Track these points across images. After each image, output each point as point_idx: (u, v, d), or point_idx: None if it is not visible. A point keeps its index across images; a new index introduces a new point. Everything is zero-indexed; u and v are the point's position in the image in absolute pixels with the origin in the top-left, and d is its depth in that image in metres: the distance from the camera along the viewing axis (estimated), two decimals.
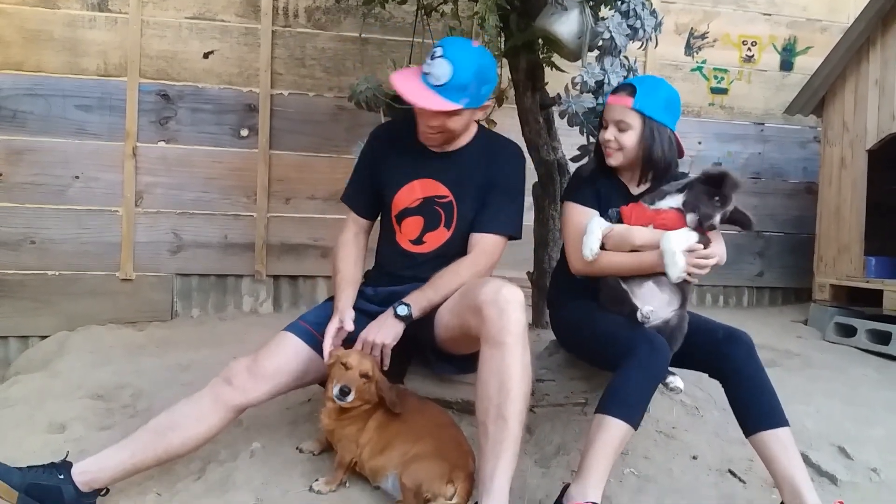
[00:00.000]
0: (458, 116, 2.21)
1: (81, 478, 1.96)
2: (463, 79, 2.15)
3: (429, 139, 2.30)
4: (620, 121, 2.25)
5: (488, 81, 2.24)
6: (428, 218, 2.34)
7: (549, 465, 2.31)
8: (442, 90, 2.15)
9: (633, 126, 2.25)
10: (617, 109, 2.26)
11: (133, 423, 2.48)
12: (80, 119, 3.91)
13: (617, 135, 2.26)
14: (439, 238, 2.34)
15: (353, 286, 2.32)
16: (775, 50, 4.88)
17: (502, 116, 3.67)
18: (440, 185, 2.33)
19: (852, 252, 4.16)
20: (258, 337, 3.04)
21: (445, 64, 2.14)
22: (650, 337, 2.05)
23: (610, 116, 2.29)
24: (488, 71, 2.25)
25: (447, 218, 2.33)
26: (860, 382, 3.23)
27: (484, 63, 2.23)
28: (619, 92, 2.29)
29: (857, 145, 4.16)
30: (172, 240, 4.04)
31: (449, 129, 2.24)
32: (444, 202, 2.33)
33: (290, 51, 4.16)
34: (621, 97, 2.26)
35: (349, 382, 2.04)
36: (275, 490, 2.15)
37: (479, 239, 2.30)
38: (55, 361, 3.31)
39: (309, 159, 4.15)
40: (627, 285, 2.20)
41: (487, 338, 1.93)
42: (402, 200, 2.36)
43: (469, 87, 2.16)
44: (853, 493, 2.25)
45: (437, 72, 2.15)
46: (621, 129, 2.26)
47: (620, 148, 2.27)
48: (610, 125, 2.28)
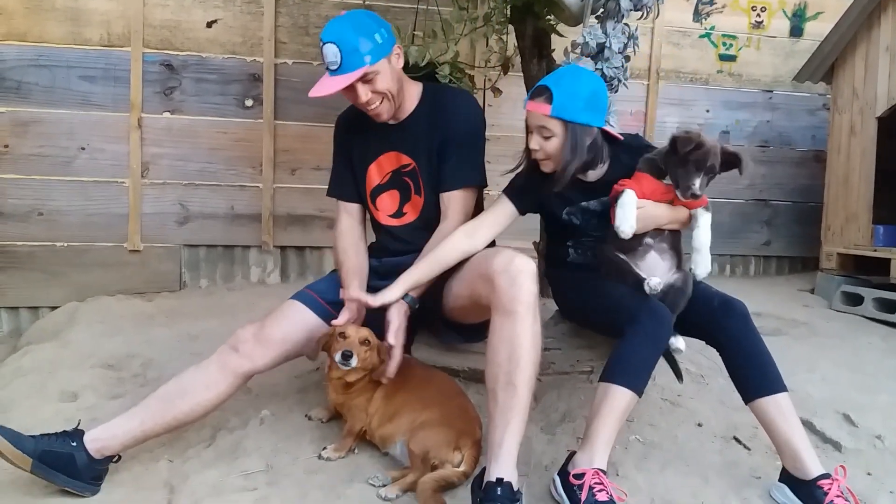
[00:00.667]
0: (379, 75, 2.19)
1: (93, 445, 2.00)
2: (349, 43, 2.14)
3: (378, 114, 2.28)
4: (542, 127, 2.13)
5: (376, 29, 2.19)
6: (401, 189, 2.38)
7: (554, 432, 2.34)
8: (343, 68, 2.15)
9: (555, 133, 2.12)
10: (536, 117, 2.14)
11: (143, 391, 2.51)
12: (85, 90, 3.90)
13: (542, 143, 2.15)
14: (416, 205, 2.38)
15: (359, 276, 2.32)
16: (785, 16, 4.81)
17: (508, 85, 3.65)
18: (402, 156, 2.36)
19: (860, 220, 4.14)
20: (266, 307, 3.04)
21: (330, 46, 2.15)
22: (653, 305, 2.05)
23: (531, 123, 2.18)
24: (366, 20, 2.21)
25: (415, 185, 2.37)
26: (866, 351, 3.24)
27: (355, 18, 2.20)
28: (535, 97, 2.14)
29: (867, 112, 4.12)
30: (179, 211, 4.05)
31: (382, 91, 2.22)
32: (409, 170, 2.36)
33: (294, 19, 4.12)
34: (538, 104, 2.13)
35: (350, 348, 2.07)
36: (284, 457, 2.19)
37: (448, 198, 2.32)
38: (66, 332, 3.34)
39: (314, 129, 4.13)
40: (631, 258, 2.18)
41: (499, 306, 1.94)
42: (372, 179, 2.41)
43: (359, 45, 2.14)
44: (857, 459, 2.26)
45: (330, 58, 2.16)
46: (544, 136, 2.14)
47: (548, 157, 2.17)
48: (534, 132, 2.17)
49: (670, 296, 2.12)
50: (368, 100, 2.22)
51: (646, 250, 2.19)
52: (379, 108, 2.26)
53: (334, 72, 2.17)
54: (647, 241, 2.19)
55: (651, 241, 2.19)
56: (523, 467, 2.06)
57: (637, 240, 2.18)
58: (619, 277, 2.17)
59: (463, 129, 2.34)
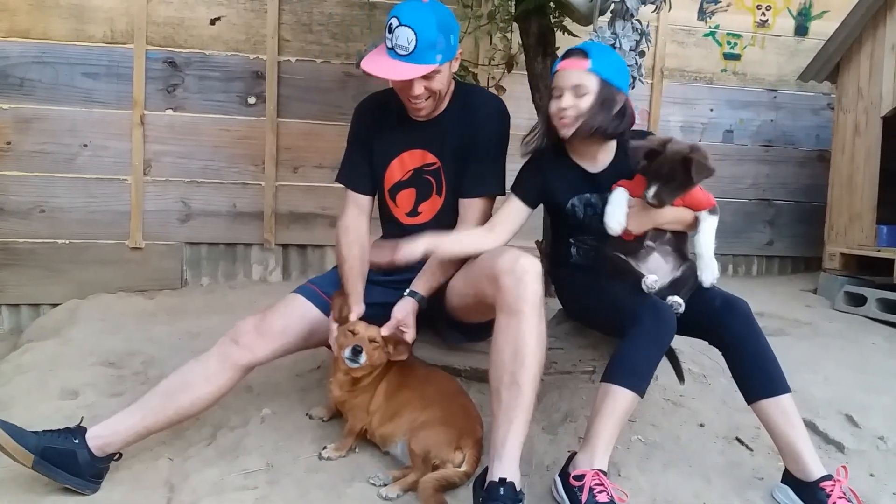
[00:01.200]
0: (439, 74, 2.17)
1: (95, 442, 1.99)
2: (429, 37, 2.10)
3: (419, 110, 2.25)
4: (578, 85, 2.11)
5: (453, 30, 2.19)
6: (420, 188, 2.35)
7: (556, 431, 2.33)
8: (413, 57, 2.11)
9: (590, 90, 2.12)
10: (573, 74, 2.12)
11: (144, 389, 2.49)
12: (88, 87, 3.90)
13: (575, 101, 2.12)
14: (433, 206, 2.36)
15: (360, 276, 2.28)
16: (790, 14, 4.79)
17: (512, 83, 3.64)
18: (427, 154, 2.33)
19: (864, 221, 4.12)
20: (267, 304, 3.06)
21: (407, 31, 2.09)
22: (655, 305, 2.04)
23: (564, 83, 2.14)
24: (448, 19, 2.19)
25: (437, 185, 2.34)
26: (869, 351, 3.23)
27: (441, 13, 2.16)
28: (569, 57, 2.15)
29: (872, 112, 4.10)
30: (181, 208, 4.05)
31: (435, 91, 2.20)
32: (432, 169, 2.33)
33: (297, 17, 4.11)
34: (575, 61, 2.13)
35: (360, 343, 2.06)
36: (285, 455, 2.18)
37: (468, 204, 2.30)
38: (67, 329, 3.34)
39: (317, 127, 4.12)
40: (632, 258, 2.17)
41: (503, 306, 1.94)
42: (393, 175, 2.37)
43: (437, 42, 2.12)
44: (860, 460, 2.25)
45: (402, 42, 2.10)
46: (579, 94, 2.12)
47: (578, 115, 2.14)
48: (565, 92, 2.14)
49: (677, 287, 2.11)
50: (420, 94, 2.18)
51: (648, 252, 2.17)
52: (423, 104, 2.23)
53: (401, 56, 2.11)
54: (649, 244, 2.17)
55: (652, 243, 2.17)
56: (525, 467, 2.05)
57: (638, 241, 2.17)
58: (620, 277, 2.16)
59: (492, 135, 2.32)
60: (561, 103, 2.14)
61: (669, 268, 2.17)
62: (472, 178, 2.30)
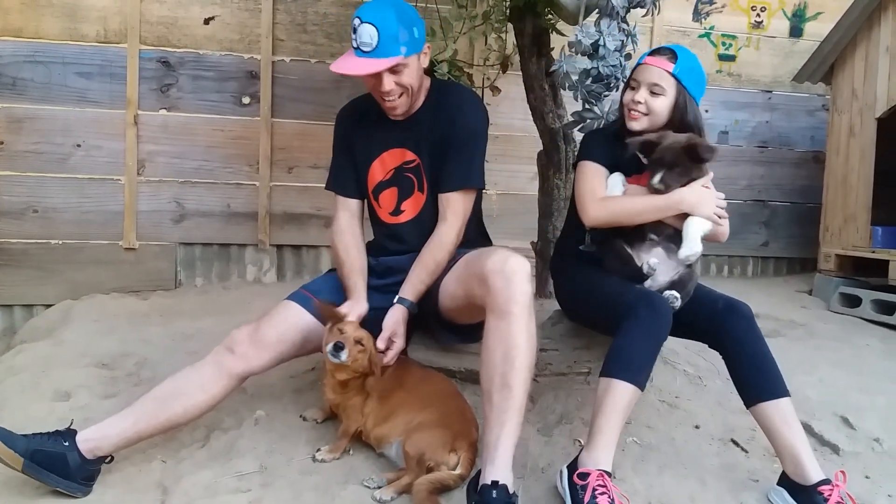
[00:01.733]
0: (407, 68, 2.17)
1: (86, 445, 1.98)
2: (390, 30, 2.11)
3: (393, 108, 2.25)
4: (656, 84, 2.19)
5: (415, 23, 2.19)
6: (402, 186, 2.35)
7: (551, 433, 2.32)
8: (377, 52, 2.12)
9: (667, 92, 2.19)
10: (654, 72, 2.20)
11: (137, 391, 2.50)
12: (81, 86, 3.88)
13: (648, 98, 2.20)
14: (416, 204, 2.36)
15: (361, 274, 2.29)
16: (785, 16, 4.79)
17: (507, 83, 3.64)
18: (406, 151, 2.34)
19: (859, 222, 4.13)
20: (262, 306, 3.03)
21: (368, 27, 2.11)
22: (650, 297, 2.04)
23: (644, 78, 2.21)
24: (410, 13, 2.20)
25: (419, 182, 2.34)
26: (864, 352, 3.23)
27: (401, 8, 2.18)
28: (657, 54, 2.23)
29: (867, 113, 4.10)
30: (175, 209, 4.03)
31: (405, 85, 2.20)
32: (412, 167, 2.34)
33: (292, 16, 4.10)
34: (661, 60, 2.21)
35: (344, 341, 2.05)
36: (279, 457, 2.17)
37: (447, 199, 2.29)
38: (60, 330, 3.32)
39: (311, 127, 4.11)
40: (635, 251, 2.19)
41: (493, 307, 1.93)
42: (375, 175, 2.38)
43: (399, 35, 2.12)
44: (855, 462, 2.25)
45: (365, 38, 2.12)
46: (654, 92, 2.20)
47: (648, 112, 2.21)
48: (642, 87, 2.21)
49: (676, 288, 2.11)
50: (391, 91, 2.19)
51: (652, 245, 2.19)
52: (397, 102, 2.23)
53: (366, 53, 2.13)
54: (652, 237, 2.19)
55: (655, 236, 2.19)
56: (520, 469, 2.04)
57: (641, 233, 2.19)
58: (619, 268, 2.17)
59: (466, 129, 2.31)
60: (635, 96, 2.21)
61: (672, 265, 2.18)
62: (450, 172, 2.29)
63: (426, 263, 2.23)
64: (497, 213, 4.17)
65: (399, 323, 2.16)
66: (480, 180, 2.35)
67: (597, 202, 2.22)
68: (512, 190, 4.29)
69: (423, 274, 2.22)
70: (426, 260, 2.23)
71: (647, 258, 2.17)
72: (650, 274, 2.13)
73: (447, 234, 2.25)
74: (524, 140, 3.97)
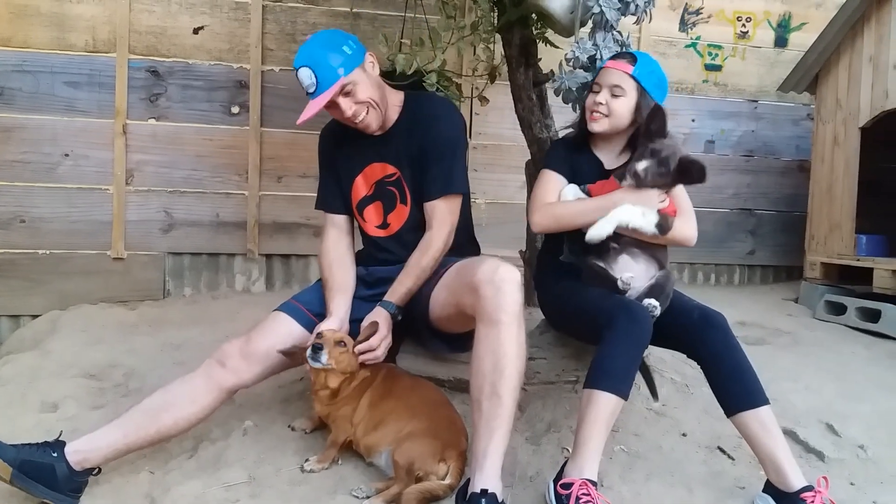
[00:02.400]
0: (357, 85, 2.21)
1: (74, 457, 1.98)
2: (321, 61, 2.17)
3: (366, 126, 2.28)
4: (616, 86, 2.25)
5: (344, 42, 2.23)
6: (385, 200, 2.38)
7: (539, 442, 2.33)
8: (320, 87, 2.17)
9: (627, 93, 2.25)
10: (614, 74, 2.26)
11: (125, 401, 2.49)
12: (69, 96, 3.87)
13: (609, 99, 2.25)
14: (401, 216, 2.38)
15: (343, 293, 2.29)
16: (770, 26, 4.84)
17: (495, 93, 3.66)
18: (387, 165, 2.37)
19: (843, 230, 4.17)
20: (251, 315, 3.05)
21: (303, 70, 2.18)
22: (629, 306, 2.06)
23: (605, 81, 2.27)
24: (333, 36, 2.25)
25: (401, 194, 2.37)
26: (849, 360, 3.26)
27: (320, 37, 2.25)
28: (618, 58, 2.30)
29: (851, 123, 4.15)
30: (164, 218, 4.02)
31: (364, 101, 2.23)
32: (393, 180, 2.36)
33: (281, 26, 4.11)
34: (621, 63, 2.27)
35: (323, 343, 2.06)
36: (267, 468, 2.17)
37: (432, 207, 2.32)
38: (47, 340, 3.31)
39: (301, 137, 4.10)
40: (605, 262, 2.22)
41: (483, 316, 1.94)
42: (359, 191, 2.41)
43: (330, 60, 2.17)
44: (840, 469, 2.27)
45: (306, 82, 2.19)
46: (615, 94, 2.25)
47: (608, 114, 2.26)
48: (603, 89, 2.27)
49: (653, 293, 2.14)
50: (354, 112, 2.22)
51: (617, 252, 2.22)
52: (367, 119, 2.26)
53: (314, 94, 2.19)
54: (613, 245, 2.21)
55: (616, 245, 2.21)
56: (508, 478, 2.05)
57: (605, 243, 2.21)
58: (599, 284, 2.20)
59: (443, 137, 2.34)
60: (597, 98, 2.27)
61: (641, 269, 2.21)
62: (431, 180, 2.32)
63: (411, 269, 2.24)
64: (486, 222, 4.17)
65: (379, 316, 2.16)
66: (463, 186, 2.38)
67: (541, 208, 2.30)
68: (501, 199, 4.30)
69: (408, 279, 2.23)
70: (411, 266, 2.25)
71: (619, 271, 2.19)
72: (626, 289, 2.15)
73: (433, 241, 2.27)
74: (512, 149, 3.99)
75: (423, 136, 2.32)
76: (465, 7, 3.94)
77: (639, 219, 2.16)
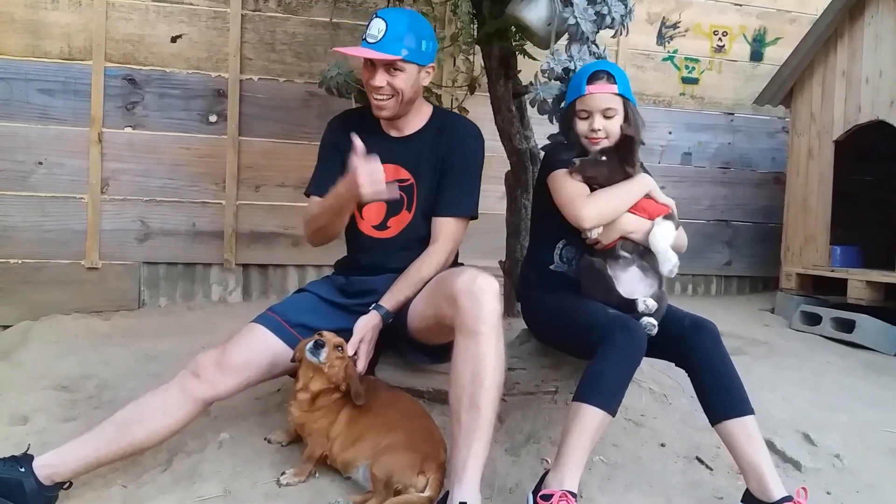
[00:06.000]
0: (403, 73, 2.23)
1: (43, 471, 1.93)
2: (397, 29, 2.19)
3: (380, 107, 2.28)
4: (608, 108, 2.26)
5: (426, 37, 2.26)
6: (391, 202, 2.34)
7: (519, 453, 2.32)
8: (380, 45, 2.19)
9: (618, 111, 2.27)
10: (603, 98, 2.27)
11: (98, 414, 2.44)
12: (44, 103, 3.81)
13: (604, 123, 2.27)
14: (402, 222, 2.36)
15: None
16: (745, 40, 4.92)
17: (475, 104, 3.66)
18: (400, 169, 2.35)
19: (818, 241, 4.22)
20: (227, 326, 3.00)
21: (378, 21, 2.22)
22: (627, 323, 2.05)
23: (594, 106, 2.27)
24: (422, 24, 2.28)
25: (409, 201, 2.35)
26: (825, 370, 3.29)
27: (417, 19, 2.29)
28: (596, 81, 2.28)
29: (825, 136, 4.22)
30: (139, 227, 3.97)
31: (396, 89, 2.24)
32: (405, 185, 2.35)
33: (260, 35, 4.09)
34: (604, 85, 2.27)
35: (324, 340, 2.06)
36: (243, 481, 2.13)
37: (442, 223, 2.32)
38: (18, 351, 3.24)
39: (279, 146, 4.10)
40: (612, 270, 2.21)
41: (462, 327, 1.93)
42: None
43: (404, 37, 2.20)
44: (817, 478, 2.29)
45: (373, 31, 2.21)
46: (608, 116, 2.27)
47: (607, 136, 2.28)
48: (595, 115, 2.27)
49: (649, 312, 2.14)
50: (382, 87, 2.23)
51: (627, 264, 2.22)
52: (385, 102, 2.27)
53: (370, 44, 2.20)
54: (624, 254, 2.22)
55: (627, 254, 2.22)
56: (487, 490, 2.04)
57: (612, 251, 2.23)
58: (603, 294, 2.18)
59: (468, 158, 2.36)
60: (593, 124, 2.27)
61: (648, 283, 2.21)
62: (448, 198, 2.32)
63: (410, 276, 2.23)
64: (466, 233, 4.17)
65: (370, 328, 2.16)
66: (476, 210, 2.39)
67: (586, 202, 2.20)
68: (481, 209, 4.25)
69: (405, 286, 2.22)
70: (411, 273, 2.24)
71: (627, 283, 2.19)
72: (646, 313, 2.12)
73: (436, 254, 2.28)
74: (493, 160, 3.94)
75: (449, 151, 2.33)
76: (445, 19, 3.96)
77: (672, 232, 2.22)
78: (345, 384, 2.11)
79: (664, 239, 2.19)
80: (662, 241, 2.19)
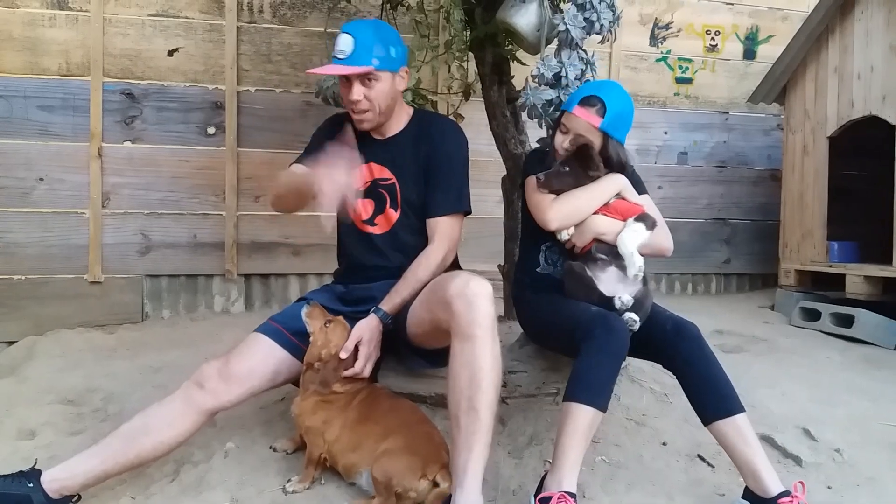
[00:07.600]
0: (379, 82, 2.26)
1: (51, 485, 1.95)
2: (365, 40, 2.22)
3: (360, 120, 2.32)
4: (582, 135, 2.27)
5: (393, 43, 2.29)
6: (377, 200, 2.39)
7: (521, 455, 2.34)
8: (350, 59, 2.22)
9: (595, 143, 2.28)
10: (582, 125, 2.27)
11: (104, 427, 2.46)
12: (43, 120, 3.85)
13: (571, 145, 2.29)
14: (389, 220, 2.39)
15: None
16: (738, 39, 4.95)
17: (470, 110, 3.70)
18: (383, 169, 2.39)
19: (815, 237, 4.25)
20: (230, 337, 3.03)
21: (345, 36, 2.24)
22: (607, 318, 2.07)
23: (573, 127, 2.28)
24: (388, 31, 2.31)
25: (392, 200, 2.38)
26: (824, 365, 3.31)
27: (381, 27, 2.32)
28: (588, 106, 2.27)
29: (819, 132, 4.24)
30: (141, 241, 4.00)
31: (372, 100, 2.27)
32: (387, 184, 2.38)
33: (256, 47, 4.12)
34: (590, 114, 2.26)
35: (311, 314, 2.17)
36: (250, 490, 2.15)
37: (436, 223, 2.34)
38: (24, 367, 3.26)
39: (277, 156, 4.12)
40: (591, 271, 2.23)
41: (457, 331, 1.95)
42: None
43: (373, 46, 2.22)
44: (817, 473, 2.30)
45: (342, 46, 2.23)
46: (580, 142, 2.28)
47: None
48: (571, 133, 2.29)
49: (634, 309, 2.16)
50: (359, 101, 2.26)
51: (605, 264, 2.24)
52: (364, 116, 2.30)
53: (340, 60, 2.23)
54: (601, 256, 2.24)
55: (605, 256, 2.24)
56: (491, 492, 2.06)
57: (590, 253, 2.25)
58: (582, 292, 2.21)
59: (450, 155, 2.38)
60: (564, 143, 2.30)
61: (629, 282, 2.23)
62: (437, 198, 2.35)
63: (408, 279, 2.25)
64: (464, 237, 4.18)
65: (367, 329, 2.17)
66: (468, 205, 2.42)
67: (551, 206, 2.27)
68: (479, 214, 4.25)
69: (403, 288, 2.24)
70: (409, 275, 2.26)
71: (607, 283, 2.21)
72: (623, 310, 2.15)
73: (433, 254, 2.30)
74: (489, 164, 4.01)
75: (430, 151, 2.36)
76: (439, 26, 3.99)
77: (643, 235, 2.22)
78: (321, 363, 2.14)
79: (631, 241, 2.20)
80: (629, 243, 2.20)
